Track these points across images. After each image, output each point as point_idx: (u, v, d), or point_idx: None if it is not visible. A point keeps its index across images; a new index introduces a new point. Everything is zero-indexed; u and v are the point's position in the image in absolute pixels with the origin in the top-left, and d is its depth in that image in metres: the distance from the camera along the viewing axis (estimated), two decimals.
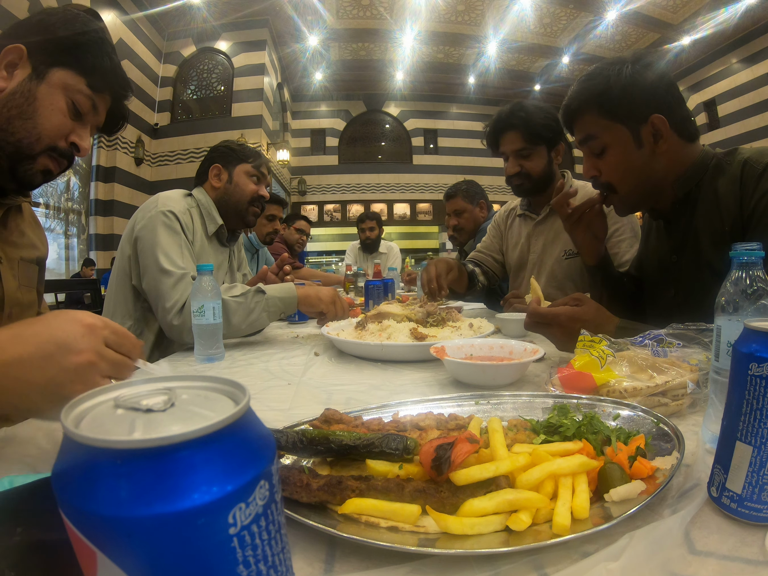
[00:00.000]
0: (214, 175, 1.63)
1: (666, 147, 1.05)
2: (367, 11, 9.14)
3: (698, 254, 1.07)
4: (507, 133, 1.72)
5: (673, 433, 0.52)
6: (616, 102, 1.05)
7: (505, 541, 0.38)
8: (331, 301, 1.42)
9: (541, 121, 1.68)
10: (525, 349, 0.96)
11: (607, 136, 1.08)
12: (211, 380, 0.25)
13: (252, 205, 1.65)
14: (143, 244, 1.40)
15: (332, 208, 12.44)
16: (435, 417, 0.57)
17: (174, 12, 7.93)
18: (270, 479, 0.22)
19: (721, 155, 1.06)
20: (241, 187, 1.62)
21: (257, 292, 1.33)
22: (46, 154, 0.85)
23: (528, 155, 1.70)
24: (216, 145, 1.70)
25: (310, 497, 0.43)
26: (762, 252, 0.55)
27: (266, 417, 0.70)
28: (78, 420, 0.22)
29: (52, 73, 0.83)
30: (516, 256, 1.93)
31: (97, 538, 0.19)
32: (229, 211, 1.63)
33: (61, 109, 0.85)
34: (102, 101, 0.91)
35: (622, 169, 1.09)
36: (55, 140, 0.85)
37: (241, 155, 1.65)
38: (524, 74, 11.57)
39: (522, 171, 1.72)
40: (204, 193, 1.62)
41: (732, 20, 8.70)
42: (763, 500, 0.40)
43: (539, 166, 1.72)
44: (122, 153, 7.27)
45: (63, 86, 0.84)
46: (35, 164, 0.85)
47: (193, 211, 1.54)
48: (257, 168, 1.66)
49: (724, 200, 1.01)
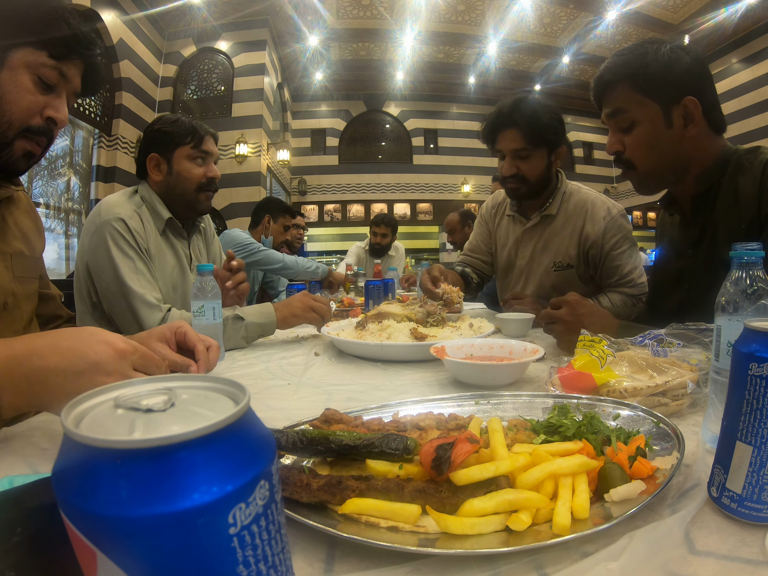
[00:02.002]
0: (152, 166, 1.47)
1: (695, 132, 1.04)
2: (368, 11, 9.13)
3: (714, 250, 1.07)
4: (507, 130, 1.58)
5: (673, 433, 0.52)
6: (652, 78, 1.04)
7: (505, 541, 0.38)
8: (307, 310, 1.36)
9: (546, 120, 1.55)
10: (525, 349, 0.96)
11: (637, 111, 1.07)
12: (211, 380, 0.25)
13: (201, 191, 1.49)
14: (95, 262, 1.33)
15: (332, 208, 12.43)
16: (435, 417, 0.57)
17: (174, 12, 7.92)
18: (270, 479, 0.22)
19: (742, 152, 1.06)
20: (183, 175, 1.46)
21: (236, 319, 1.29)
22: (21, 136, 0.85)
23: (527, 157, 1.58)
24: (147, 128, 1.50)
25: (310, 497, 0.43)
26: (762, 252, 0.55)
27: (266, 417, 0.70)
28: (78, 420, 0.22)
29: (10, 56, 0.83)
30: (504, 258, 1.86)
31: (97, 538, 0.19)
32: (178, 202, 1.49)
33: (27, 88, 0.84)
34: (71, 67, 0.90)
35: (647, 146, 1.08)
36: (27, 120, 0.85)
37: (177, 137, 1.44)
38: (524, 74, 11.56)
39: (518, 173, 1.59)
40: (147, 188, 1.48)
41: (732, 20, 8.70)
42: (763, 500, 0.40)
43: (538, 169, 1.60)
44: (122, 153, 7.25)
45: (24, 65, 0.84)
46: (13, 149, 0.85)
47: (141, 210, 1.43)
48: (198, 147, 1.46)
49: (744, 199, 1.01)
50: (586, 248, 1.62)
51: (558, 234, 1.68)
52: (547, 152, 1.60)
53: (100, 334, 0.60)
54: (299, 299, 1.38)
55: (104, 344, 0.59)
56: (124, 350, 0.59)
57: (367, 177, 12.41)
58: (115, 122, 7.02)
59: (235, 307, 1.35)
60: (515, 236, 1.80)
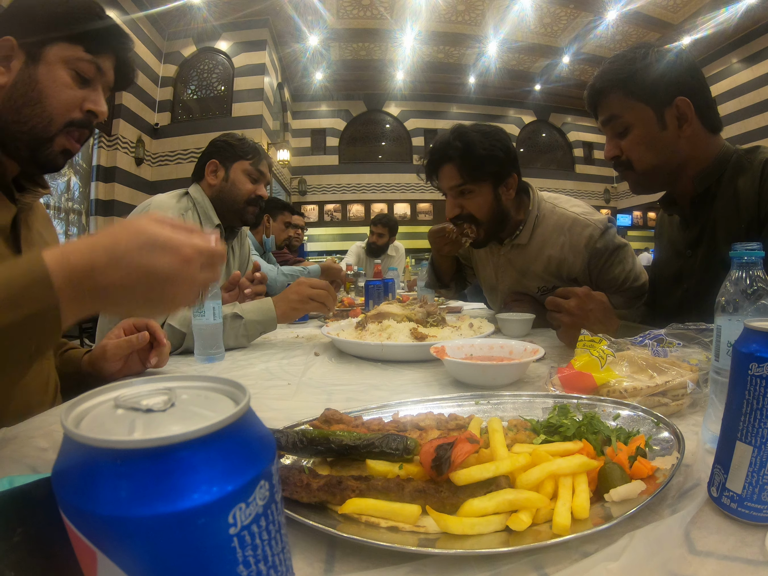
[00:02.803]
0: (210, 171, 1.57)
1: (690, 132, 1.05)
2: (368, 11, 9.14)
3: (714, 250, 1.07)
4: (444, 166, 1.42)
5: (673, 433, 0.52)
6: (641, 82, 1.05)
7: (505, 541, 0.38)
8: (306, 300, 1.33)
9: (483, 152, 1.36)
10: (525, 349, 0.96)
11: (630, 115, 1.08)
12: (211, 380, 0.25)
13: (249, 205, 1.60)
14: None
15: (332, 208, 12.44)
16: (435, 417, 0.57)
17: (174, 12, 7.93)
18: (270, 479, 0.22)
19: (742, 152, 1.06)
20: (237, 186, 1.57)
21: (234, 317, 1.27)
22: (64, 132, 0.86)
23: (469, 193, 1.42)
24: (215, 139, 1.63)
25: (310, 497, 0.43)
26: (762, 252, 0.55)
27: (266, 417, 0.70)
28: (78, 420, 0.22)
29: (46, 52, 0.83)
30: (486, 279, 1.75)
31: (97, 538, 0.19)
32: (226, 209, 1.58)
33: (65, 83, 0.85)
34: (106, 61, 0.90)
35: (643, 147, 1.09)
36: (68, 115, 0.86)
37: (240, 152, 1.58)
38: (524, 74, 11.57)
39: (463, 213, 1.44)
40: (200, 190, 1.57)
41: (732, 20, 8.70)
42: (763, 500, 0.40)
43: (485, 207, 1.43)
44: (122, 153, 7.26)
45: (61, 60, 0.84)
46: (53, 145, 0.85)
47: (188, 213, 1.49)
48: (255, 166, 1.60)
49: (744, 198, 1.01)
50: (572, 276, 1.51)
51: (534, 261, 1.54)
52: (491, 186, 1.42)
53: (157, 238, 0.55)
54: (294, 291, 1.35)
55: (169, 253, 0.54)
56: (189, 256, 0.55)
57: (367, 177, 12.41)
58: (115, 122, 7.02)
59: (235, 304, 1.33)
60: (493, 261, 1.67)
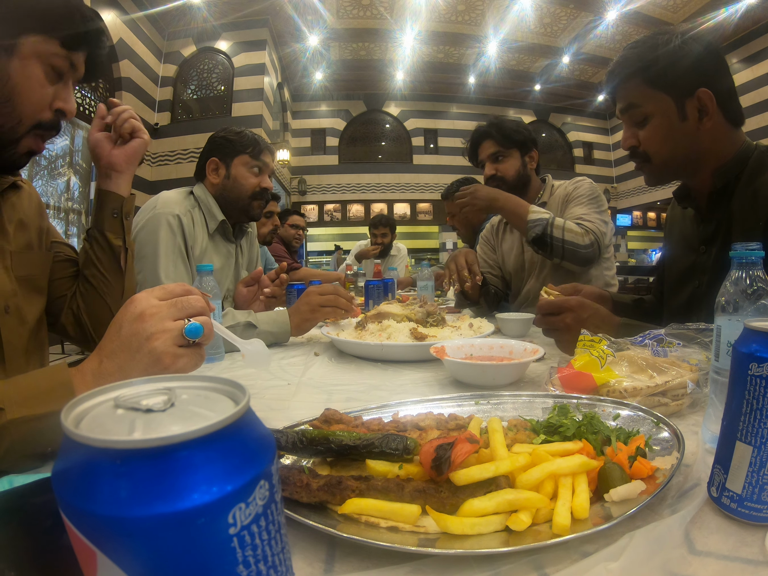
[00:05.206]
0: (211, 170, 1.56)
1: (710, 125, 1.02)
2: (368, 11, 9.14)
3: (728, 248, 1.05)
4: (483, 142, 1.91)
5: (673, 433, 0.52)
6: (663, 71, 1.01)
7: (505, 541, 0.38)
8: (316, 309, 1.32)
9: (513, 127, 1.88)
10: (525, 349, 0.96)
11: (650, 105, 1.05)
12: (211, 380, 0.25)
13: (254, 200, 1.57)
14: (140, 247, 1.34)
15: (332, 208, 12.44)
16: (435, 417, 0.57)
17: (174, 12, 7.93)
18: (270, 479, 0.22)
19: (763, 149, 1.04)
20: (240, 181, 1.55)
21: (248, 326, 1.26)
22: (31, 133, 0.82)
23: (502, 159, 1.87)
24: (213, 135, 1.61)
25: (310, 497, 0.43)
26: (762, 252, 0.55)
27: (266, 417, 0.70)
28: (78, 420, 0.22)
29: (21, 43, 0.77)
30: (512, 260, 1.96)
31: (97, 538, 0.19)
32: (231, 207, 1.57)
33: (39, 81, 0.80)
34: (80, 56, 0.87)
35: (661, 139, 1.06)
36: (38, 115, 0.82)
37: (239, 146, 1.55)
38: (524, 74, 11.57)
39: (497, 174, 1.86)
40: (204, 189, 1.56)
41: (732, 20, 8.70)
42: (763, 500, 0.40)
43: (513, 168, 1.87)
44: None
45: (35, 54, 0.79)
46: (19, 147, 0.82)
47: (194, 211, 1.50)
48: (257, 157, 1.56)
49: (762, 197, 0.98)
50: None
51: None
52: (519, 153, 1.88)
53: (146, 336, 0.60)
54: (305, 302, 1.34)
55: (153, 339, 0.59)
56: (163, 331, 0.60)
57: (367, 177, 12.41)
58: None
59: (250, 312, 1.31)
60: (519, 237, 1.93)
